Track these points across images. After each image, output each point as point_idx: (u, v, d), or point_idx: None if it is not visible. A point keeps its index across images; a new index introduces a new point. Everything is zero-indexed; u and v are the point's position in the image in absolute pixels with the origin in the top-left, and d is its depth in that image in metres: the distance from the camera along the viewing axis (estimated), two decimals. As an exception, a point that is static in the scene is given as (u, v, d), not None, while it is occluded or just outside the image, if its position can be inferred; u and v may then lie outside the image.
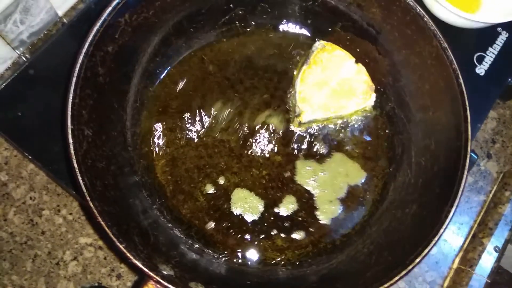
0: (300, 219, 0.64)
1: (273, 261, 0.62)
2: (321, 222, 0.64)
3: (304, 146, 0.68)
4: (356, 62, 0.67)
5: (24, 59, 0.74)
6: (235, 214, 0.64)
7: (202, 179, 0.65)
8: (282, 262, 0.61)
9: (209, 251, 0.58)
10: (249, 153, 0.67)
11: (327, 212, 0.65)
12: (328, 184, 0.66)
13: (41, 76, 0.72)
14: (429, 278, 0.73)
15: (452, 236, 0.75)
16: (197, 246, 0.58)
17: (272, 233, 0.64)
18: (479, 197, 0.79)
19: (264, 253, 0.62)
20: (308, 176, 0.66)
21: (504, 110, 0.85)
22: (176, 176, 0.64)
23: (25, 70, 0.72)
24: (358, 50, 0.68)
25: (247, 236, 0.63)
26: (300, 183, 0.66)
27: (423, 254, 0.51)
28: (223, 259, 0.58)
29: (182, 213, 0.61)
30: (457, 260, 0.74)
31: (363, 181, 0.67)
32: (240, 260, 0.61)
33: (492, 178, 0.80)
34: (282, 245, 0.63)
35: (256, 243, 0.63)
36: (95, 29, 0.51)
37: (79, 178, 0.44)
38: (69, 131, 0.45)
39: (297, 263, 0.61)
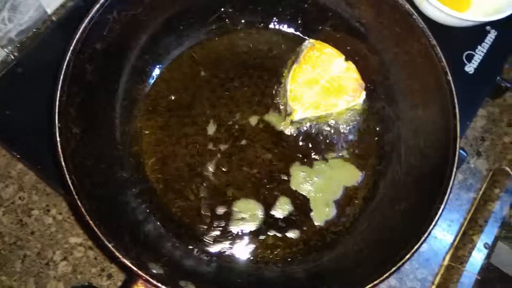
0: (294, 219, 0.64)
1: (264, 259, 0.62)
2: (315, 223, 0.64)
3: (297, 146, 0.69)
4: (346, 60, 0.67)
5: (12, 57, 0.74)
6: (226, 213, 0.64)
7: (192, 178, 0.65)
8: (273, 260, 0.61)
9: (199, 250, 0.58)
10: (240, 151, 0.67)
11: (322, 214, 0.65)
12: (324, 188, 0.66)
13: (30, 75, 0.71)
14: (420, 275, 0.73)
15: (442, 234, 0.76)
16: (187, 245, 0.58)
17: (264, 232, 0.64)
18: (468, 194, 0.79)
19: (255, 251, 0.62)
20: (303, 181, 0.66)
21: (493, 108, 0.85)
22: (167, 175, 0.64)
23: (13, 68, 0.71)
24: (347, 48, 0.68)
25: (239, 235, 0.63)
26: (295, 188, 0.66)
27: (413, 250, 0.51)
28: (214, 258, 0.58)
29: (172, 212, 0.61)
30: (448, 257, 0.75)
31: (359, 181, 0.67)
32: (231, 259, 0.61)
33: (482, 176, 0.81)
34: (273, 243, 0.63)
35: (247, 242, 0.62)
36: (83, 26, 0.51)
37: (67, 176, 0.44)
38: (57, 129, 0.45)
39: (288, 260, 0.61)
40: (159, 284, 0.41)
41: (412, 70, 0.62)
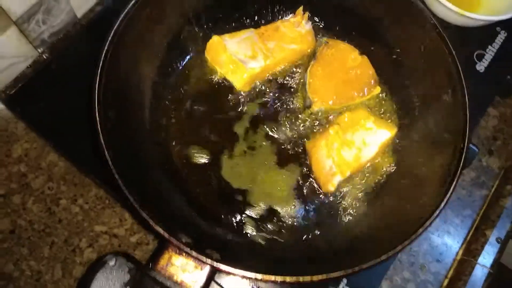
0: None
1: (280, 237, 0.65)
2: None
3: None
4: (360, 54, 0.70)
5: (44, 57, 0.78)
6: (245, 197, 0.67)
7: (214, 165, 0.68)
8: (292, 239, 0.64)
9: (221, 226, 0.62)
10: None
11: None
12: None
13: (61, 73, 0.76)
14: (433, 269, 0.74)
15: (455, 229, 0.77)
16: (209, 222, 0.61)
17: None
18: (481, 191, 0.81)
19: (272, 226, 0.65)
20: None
21: (505, 109, 0.87)
22: (191, 161, 0.68)
23: (46, 67, 0.76)
24: (362, 44, 0.71)
25: (254, 217, 0.66)
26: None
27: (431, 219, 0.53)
28: (233, 234, 0.62)
29: (195, 194, 0.65)
30: (461, 251, 0.76)
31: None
32: (249, 235, 0.64)
33: (494, 174, 0.82)
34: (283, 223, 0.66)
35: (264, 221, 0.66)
36: (119, 19, 0.55)
37: (105, 149, 0.48)
38: (96, 109, 0.49)
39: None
40: (187, 250, 0.44)
41: (424, 63, 0.64)
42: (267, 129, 0.71)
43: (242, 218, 0.65)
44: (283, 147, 0.70)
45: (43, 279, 0.67)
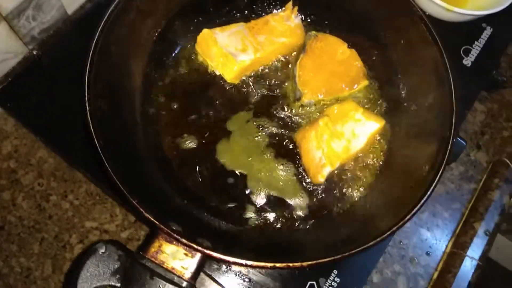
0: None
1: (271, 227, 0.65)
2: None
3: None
4: (349, 47, 0.71)
5: (34, 53, 0.78)
6: (236, 188, 0.67)
7: (206, 155, 0.69)
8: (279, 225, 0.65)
9: (213, 215, 0.62)
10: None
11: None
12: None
13: (51, 69, 0.76)
14: (423, 261, 0.75)
15: (444, 222, 0.78)
16: (201, 212, 0.61)
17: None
18: (469, 185, 0.82)
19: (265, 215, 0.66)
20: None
21: (492, 104, 0.88)
22: (182, 152, 0.68)
23: (36, 64, 0.76)
24: (350, 37, 0.72)
25: (246, 206, 0.66)
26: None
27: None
28: (225, 223, 0.62)
29: (187, 185, 0.65)
30: (450, 244, 0.77)
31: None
32: (241, 224, 0.64)
33: (482, 168, 0.84)
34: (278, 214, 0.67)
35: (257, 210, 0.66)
36: (109, 10, 0.55)
37: (95, 139, 0.48)
38: (86, 99, 0.49)
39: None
40: (178, 237, 0.44)
41: (412, 55, 0.65)
42: (258, 121, 0.72)
43: (236, 206, 0.66)
44: (276, 138, 0.71)
45: (32, 275, 0.67)
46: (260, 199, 0.67)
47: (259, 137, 0.70)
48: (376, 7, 0.68)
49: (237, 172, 0.68)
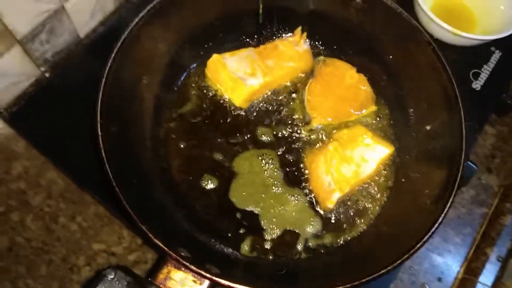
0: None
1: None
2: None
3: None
4: (357, 72, 0.72)
5: (46, 76, 0.79)
6: (246, 214, 0.67)
7: (212, 178, 0.68)
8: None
9: (221, 242, 0.61)
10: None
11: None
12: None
13: (62, 92, 0.77)
14: (434, 288, 0.74)
15: (456, 247, 0.77)
16: (209, 237, 0.61)
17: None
18: (481, 209, 0.81)
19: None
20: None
21: (502, 127, 0.88)
22: (190, 176, 0.68)
23: (48, 86, 0.77)
24: (359, 62, 0.72)
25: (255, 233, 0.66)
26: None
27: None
28: (234, 250, 0.61)
29: (196, 209, 0.65)
30: (462, 270, 0.75)
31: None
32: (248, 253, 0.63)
33: (493, 192, 0.82)
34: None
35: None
36: (124, 35, 0.56)
37: (106, 164, 0.48)
38: (98, 124, 0.50)
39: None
40: (187, 264, 0.44)
41: (420, 79, 0.65)
42: (266, 153, 0.72)
43: (244, 234, 0.65)
44: (286, 168, 0.70)
45: (39, 297, 0.67)
46: (272, 232, 0.66)
47: (268, 171, 0.70)
48: (384, 32, 0.68)
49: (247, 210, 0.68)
